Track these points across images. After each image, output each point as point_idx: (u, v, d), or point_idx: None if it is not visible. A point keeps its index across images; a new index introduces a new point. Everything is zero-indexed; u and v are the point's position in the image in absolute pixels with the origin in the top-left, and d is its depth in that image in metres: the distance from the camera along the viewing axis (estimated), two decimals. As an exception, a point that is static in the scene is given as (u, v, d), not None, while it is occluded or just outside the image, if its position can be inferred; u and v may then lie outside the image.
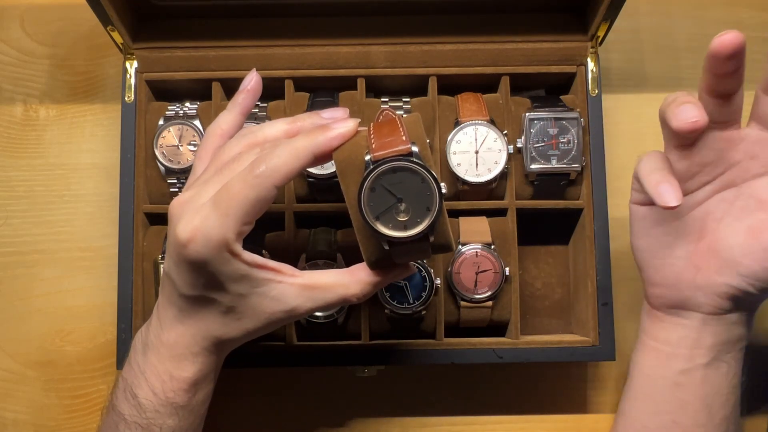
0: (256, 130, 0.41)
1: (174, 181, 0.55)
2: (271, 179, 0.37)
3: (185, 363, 0.41)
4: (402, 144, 0.36)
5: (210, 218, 0.37)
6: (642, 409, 0.48)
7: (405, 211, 0.37)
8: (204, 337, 0.41)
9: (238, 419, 0.59)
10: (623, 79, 0.63)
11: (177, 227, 0.38)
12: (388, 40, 0.55)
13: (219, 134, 0.44)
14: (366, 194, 0.36)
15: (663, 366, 0.47)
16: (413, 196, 0.36)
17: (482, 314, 0.54)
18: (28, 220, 0.61)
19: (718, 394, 0.45)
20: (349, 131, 0.38)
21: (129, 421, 0.41)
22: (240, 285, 0.39)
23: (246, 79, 0.46)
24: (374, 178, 0.36)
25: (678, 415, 0.46)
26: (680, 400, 0.46)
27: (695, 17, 0.64)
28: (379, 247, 0.38)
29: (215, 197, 0.37)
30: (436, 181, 0.36)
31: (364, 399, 0.59)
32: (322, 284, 0.40)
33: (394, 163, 0.36)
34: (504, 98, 0.56)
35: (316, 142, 0.38)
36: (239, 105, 0.45)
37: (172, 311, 0.41)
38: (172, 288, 0.40)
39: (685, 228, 0.44)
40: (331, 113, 0.41)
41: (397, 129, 0.37)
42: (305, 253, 0.53)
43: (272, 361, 0.53)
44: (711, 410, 0.45)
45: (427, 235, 0.37)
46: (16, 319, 0.59)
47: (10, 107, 0.62)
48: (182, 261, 0.38)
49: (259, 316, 0.40)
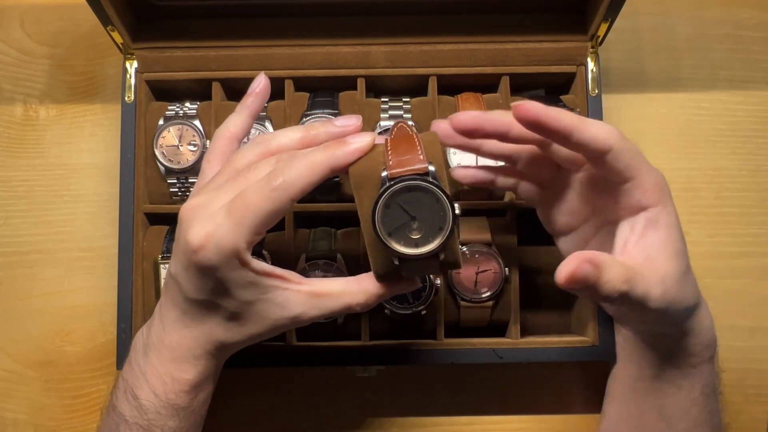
0: (269, 138, 0.41)
1: (174, 181, 0.55)
2: (288, 192, 0.37)
3: (187, 365, 0.41)
4: (419, 163, 0.36)
5: (223, 226, 0.37)
6: (612, 411, 0.50)
7: (417, 229, 0.37)
8: (207, 341, 0.41)
9: (238, 419, 0.59)
10: (623, 79, 0.63)
11: (188, 232, 0.37)
12: (388, 40, 0.55)
13: (228, 137, 0.44)
14: (380, 211, 0.36)
15: (623, 368, 0.49)
16: (427, 215, 0.37)
17: (482, 314, 0.54)
18: (28, 220, 0.61)
19: (675, 407, 0.45)
20: (367, 146, 0.39)
21: (130, 422, 0.41)
22: (247, 291, 0.39)
23: (254, 82, 0.46)
24: (390, 195, 0.36)
25: (638, 422, 0.47)
26: (639, 408, 0.47)
27: (695, 17, 0.64)
28: (388, 260, 0.38)
29: (230, 205, 0.37)
30: (450, 202, 0.36)
31: (364, 399, 0.59)
32: (328, 292, 0.40)
33: (410, 181, 0.36)
34: (504, 98, 0.56)
35: (334, 156, 0.38)
36: (248, 108, 0.45)
37: (176, 313, 0.41)
38: (178, 290, 0.40)
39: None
40: (344, 121, 0.41)
41: (415, 147, 0.38)
42: (305, 254, 0.53)
43: (272, 361, 0.53)
44: (670, 422, 0.45)
45: (438, 254, 0.38)
46: (16, 319, 0.59)
47: (10, 107, 0.62)
48: (191, 266, 0.38)
49: (263, 322, 0.40)
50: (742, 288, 0.60)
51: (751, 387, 0.59)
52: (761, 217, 0.61)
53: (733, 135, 0.62)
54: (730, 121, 0.62)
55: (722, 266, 0.60)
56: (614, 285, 0.36)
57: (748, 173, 0.62)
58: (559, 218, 0.45)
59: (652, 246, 0.39)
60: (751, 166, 0.62)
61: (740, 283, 0.60)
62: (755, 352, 0.59)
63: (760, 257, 0.60)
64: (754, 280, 0.60)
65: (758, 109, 0.62)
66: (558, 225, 0.45)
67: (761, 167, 0.62)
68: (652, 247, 0.39)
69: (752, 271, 0.60)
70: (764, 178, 0.61)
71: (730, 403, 0.58)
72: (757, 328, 0.59)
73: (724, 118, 0.62)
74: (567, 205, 0.44)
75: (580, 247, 0.44)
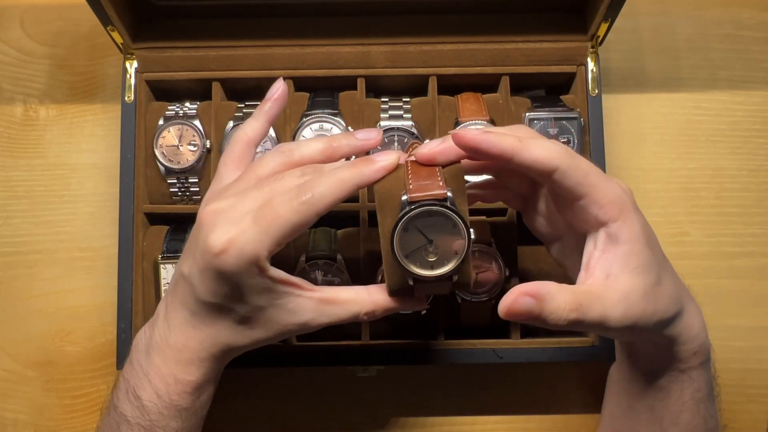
0: (293, 147, 0.42)
1: (174, 181, 0.55)
2: (316, 208, 0.37)
3: (191, 367, 0.41)
4: (438, 189, 0.37)
5: (248, 233, 0.37)
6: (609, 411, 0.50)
7: (434, 252, 0.38)
8: (213, 344, 0.41)
9: (238, 419, 0.59)
10: (623, 79, 0.63)
11: (210, 235, 0.37)
12: (388, 40, 0.55)
13: (246, 141, 0.44)
14: (399, 233, 0.37)
15: (617, 368, 0.49)
16: (443, 239, 0.38)
17: (482, 314, 0.54)
18: (28, 220, 0.61)
19: (665, 411, 0.45)
20: (392, 165, 0.39)
21: (132, 422, 0.41)
22: (261, 297, 0.39)
23: (273, 88, 0.46)
24: (409, 219, 0.37)
25: (633, 422, 0.47)
26: (633, 408, 0.46)
27: (695, 17, 0.64)
28: (402, 278, 0.39)
29: (258, 213, 0.37)
30: (467, 228, 0.37)
31: (364, 399, 0.59)
32: (337, 299, 0.41)
33: (429, 206, 0.37)
34: (504, 98, 0.56)
35: (361, 174, 0.38)
36: (265, 113, 0.45)
37: (184, 314, 0.41)
38: (190, 292, 0.40)
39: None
40: (365, 135, 0.42)
41: (435, 173, 0.39)
42: (305, 254, 0.53)
43: (272, 361, 0.53)
44: (662, 424, 0.45)
45: (451, 276, 0.38)
46: (16, 319, 0.59)
47: (10, 107, 0.62)
48: (209, 269, 0.38)
49: (272, 327, 0.40)
50: (742, 288, 0.60)
51: (751, 387, 0.59)
52: (761, 217, 0.61)
53: (733, 135, 0.62)
54: (730, 121, 0.62)
55: (722, 266, 0.60)
56: (560, 314, 0.35)
57: (748, 173, 0.62)
58: (540, 228, 0.45)
59: (613, 262, 0.38)
60: (751, 166, 0.62)
61: (740, 283, 0.60)
62: (755, 352, 0.59)
63: (760, 257, 0.60)
64: (754, 280, 0.60)
65: (758, 109, 0.62)
66: (542, 233, 0.45)
67: (761, 167, 0.62)
68: (614, 264, 0.38)
69: (752, 271, 0.60)
70: (764, 178, 0.61)
71: (730, 403, 0.58)
72: (757, 328, 0.59)
73: (724, 118, 0.62)
74: (545, 215, 0.44)
75: (569, 253, 0.44)
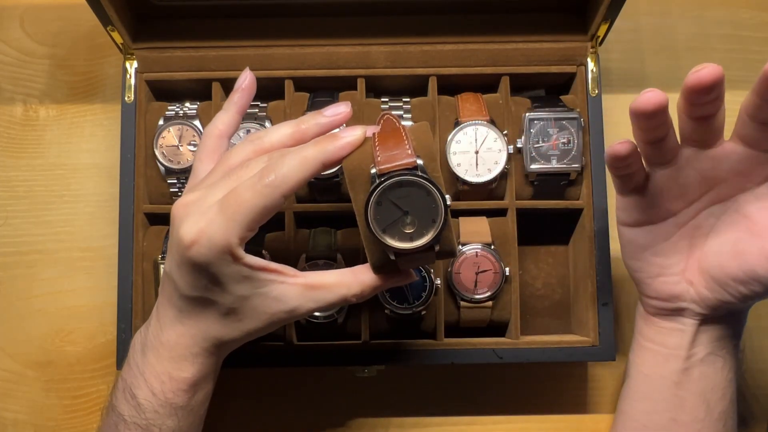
0: (262, 135, 0.41)
1: (174, 181, 0.55)
2: (280, 189, 0.37)
3: (185, 364, 0.41)
4: (407, 158, 0.36)
5: (215, 222, 0.37)
6: (641, 408, 0.48)
7: (411, 223, 0.37)
8: (204, 338, 0.41)
9: (238, 419, 0.59)
10: (623, 79, 0.63)
11: (181, 228, 0.38)
12: (388, 40, 0.55)
13: (217, 135, 0.44)
14: (372, 208, 0.37)
15: (660, 366, 0.47)
16: (419, 208, 0.37)
17: (482, 314, 0.54)
18: (28, 220, 0.61)
19: (714, 389, 0.46)
20: (358, 140, 0.38)
21: (128, 421, 0.41)
22: (242, 286, 0.39)
23: (240, 78, 0.46)
24: (380, 192, 0.36)
25: (677, 412, 0.46)
26: (678, 397, 0.46)
27: (695, 17, 0.64)
28: (384, 254, 0.39)
29: (222, 202, 0.38)
30: (441, 194, 0.36)
31: (364, 399, 0.59)
32: (323, 284, 0.40)
33: (399, 177, 0.36)
34: (504, 98, 0.56)
35: (325, 151, 0.38)
36: (235, 104, 0.45)
37: (172, 311, 0.41)
38: (173, 288, 0.40)
39: (674, 248, 0.45)
40: (333, 110, 0.41)
41: (402, 141, 0.37)
42: (305, 254, 0.53)
43: (272, 361, 0.53)
44: (709, 405, 0.46)
45: (433, 246, 0.38)
46: (16, 319, 0.59)
47: (10, 107, 0.62)
48: (184, 262, 0.38)
49: (260, 316, 0.40)
50: (742, 288, 0.60)
51: (751, 387, 0.59)
52: (761, 217, 0.61)
53: (733, 135, 0.62)
54: (730, 121, 0.62)
55: (722, 266, 0.60)
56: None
57: (748, 173, 0.61)
58: (663, 203, 0.44)
59: None
60: (751, 166, 0.62)
61: (740, 283, 0.60)
62: (755, 352, 0.59)
63: (760, 257, 0.60)
64: (754, 280, 0.60)
65: (758, 109, 0.62)
66: (660, 211, 0.44)
67: (761, 167, 0.62)
68: None
69: (752, 271, 0.60)
70: (764, 178, 0.61)
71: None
72: (757, 328, 0.59)
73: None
74: (680, 186, 0.43)
75: (659, 239, 0.45)
